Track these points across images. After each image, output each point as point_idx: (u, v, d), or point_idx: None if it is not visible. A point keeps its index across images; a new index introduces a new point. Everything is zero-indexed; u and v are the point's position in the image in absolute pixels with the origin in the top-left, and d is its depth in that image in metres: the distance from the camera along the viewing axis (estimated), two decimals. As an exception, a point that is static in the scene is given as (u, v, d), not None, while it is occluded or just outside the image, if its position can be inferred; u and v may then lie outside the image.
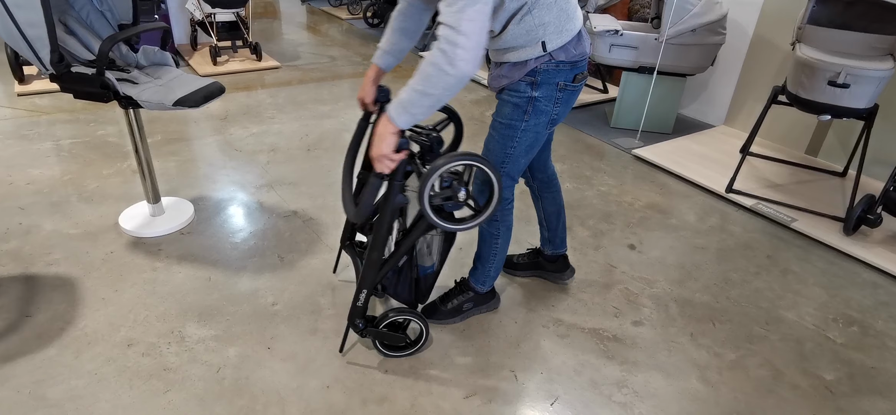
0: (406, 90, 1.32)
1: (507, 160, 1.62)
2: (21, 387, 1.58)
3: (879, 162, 3.05)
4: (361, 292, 1.64)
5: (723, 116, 3.79)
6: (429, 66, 1.26)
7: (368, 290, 1.65)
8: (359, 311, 1.66)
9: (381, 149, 1.39)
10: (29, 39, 1.75)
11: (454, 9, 1.20)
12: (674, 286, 2.16)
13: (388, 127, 1.37)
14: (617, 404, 1.63)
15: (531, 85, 1.50)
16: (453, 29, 1.21)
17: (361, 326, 1.67)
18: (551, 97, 1.53)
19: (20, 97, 3.67)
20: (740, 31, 3.53)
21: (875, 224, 2.40)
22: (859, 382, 1.77)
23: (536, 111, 1.54)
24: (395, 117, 1.35)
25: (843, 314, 2.06)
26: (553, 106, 1.55)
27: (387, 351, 1.75)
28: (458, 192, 1.50)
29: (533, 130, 1.58)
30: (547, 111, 1.55)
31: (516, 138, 1.58)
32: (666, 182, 2.99)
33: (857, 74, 2.37)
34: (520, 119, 1.55)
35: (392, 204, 1.53)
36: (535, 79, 1.49)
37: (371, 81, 1.68)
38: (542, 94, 1.51)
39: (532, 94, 1.51)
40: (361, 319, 1.67)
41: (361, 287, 1.64)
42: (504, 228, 1.76)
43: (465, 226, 1.56)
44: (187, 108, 1.96)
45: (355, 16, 6.91)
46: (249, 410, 1.55)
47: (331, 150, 3.18)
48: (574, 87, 1.55)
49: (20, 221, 2.34)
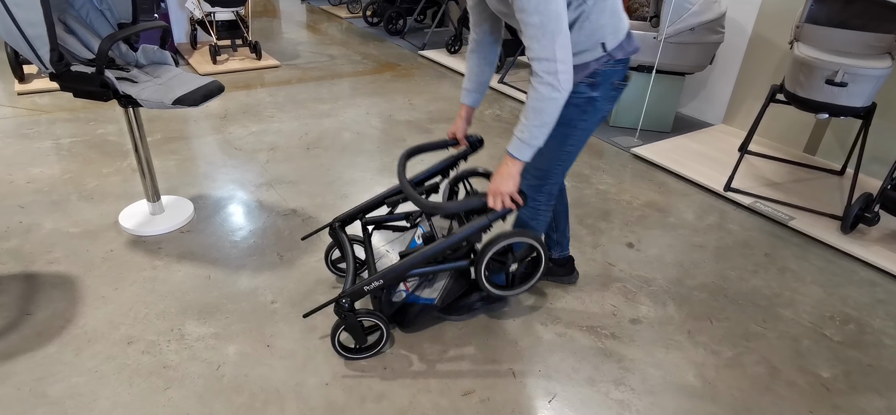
0: (523, 129, 1.46)
1: (564, 158, 1.68)
2: (21, 384, 1.59)
3: (877, 160, 3.06)
4: (377, 282, 1.64)
5: (721, 115, 3.79)
6: (539, 100, 1.40)
7: (387, 284, 1.66)
8: (357, 294, 1.64)
9: (508, 187, 1.54)
10: (29, 38, 1.75)
11: (545, 43, 1.34)
12: (672, 284, 2.17)
13: (515, 165, 1.52)
14: (614, 401, 1.64)
15: (591, 86, 1.56)
16: (550, 60, 1.35)
17: (347, 306, 1.63)
18: (607, 96, 1.59)
19: (20, 96, 3.68)
20: (739, 29, 3.54)
21: (873, 222, 2.41)
22: (856, 379, 1.77)
23: (594, 110, 1.60)
24: (519, 155, 1.49)
25: (840, 312, 2.07)
26: (607, 104, 1.61)
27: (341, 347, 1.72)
28: (509, 265, 1.70)
29: (589, 128, 1.64)
30: (602, 109, 1.61)
31: (574, 137, 1.63)
32: (665, 181, 3.00)
33: (855, 73, 2.37)
34: (579, 118, 1.60)
35: (470, 232, 1.64)
36: (595, 79, 1.55)
37: (463, 119, 1.84)
38: (600, 94, 1.57)
39: (591, 95, 1.57)
40: (352, 301, 1.64)
41: (380, 278, 1.64)
42: (544, 225, 1.81)
43: (511, 292, 1.77)
44: (187, 106, 1.97)
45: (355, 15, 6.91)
46: (249, 407, 1.56)
47: (330, 148, 3.18)
48: (624, 85, 1.62)
49: (20, 220, 2.35)
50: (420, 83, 4.44)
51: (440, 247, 1.66)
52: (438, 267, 1.72)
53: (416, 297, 1.79)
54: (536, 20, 1.33)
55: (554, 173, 1.69)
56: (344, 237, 1.87)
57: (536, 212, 1.77)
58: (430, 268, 1.71)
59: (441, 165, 1.94)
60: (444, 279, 1.80)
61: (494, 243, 1.67)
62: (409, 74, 4.67)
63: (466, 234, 1.66)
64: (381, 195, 1.96)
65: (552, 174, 1.69)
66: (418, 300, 1.80)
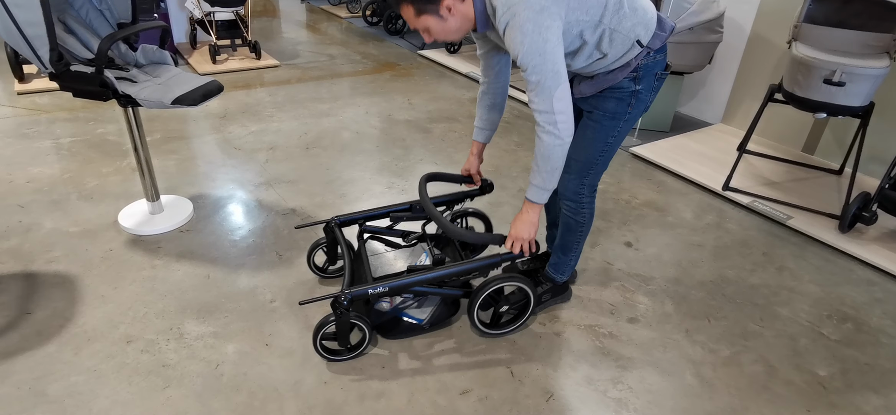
0: (537, 176, 1.56)
1: (607, 149, 1.70)
2: (21, 383, 1.59)
3: (875, 160, 3.07)
4: (381, 287, 1.65)
5: (720, 115, 3.80)
6: (545, 148, 1.49)
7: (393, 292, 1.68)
8: (360, 295, 1.63)
9: (529, 234, 1.64)
10: (28, 38, 1.76)
11: (544, 98, 1.43)
12: (670, 283, 2.17)
13: (535, 211, 1.62)
14: (612, 400, 1.65)
15: (634, 80, 1.59)
16: (549, 112, 1.44)
17: (347, 302, 1.61)
18: (650, 87, 1.63)
19: (20, 96, 3.69)
20: (737, 29, 3.54)
21: (870, 222, 2.41)
22: (853, 377, 1.78)
23: (638, 102, 1.63)
24: (538, 199, 1.59)
25: (837, 311, 2.08)
26: (650, 95, 1.64)
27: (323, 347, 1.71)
28: (500, 304, 1.78)
29: (632, 120, 1.67)
30: (645, 101, 1.65)
31: (618, 128, 1.66)
32: (663, 180, 3.00)
33: (853, 72, 2.38)
34: (624, 111, 1.63)
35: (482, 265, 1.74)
36: (638, 74, 1.58)
37: (475, 155, 1.95)
38: (643, 87, 1.61)
39: (635, 88, 1.60)
40: (350, 300, 1.62)
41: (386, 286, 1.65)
42: (589, 216, 1.83)
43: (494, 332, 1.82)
44: (186, 106, 1.97)
45: (354, 14, 6.92)
46: (248, 406, 1.56)
47: (329, 148, 3.19)
48: (665, 75, 1.65)
49: (20, 219, 2.35)
50: (419, 83, 4.45)
51: (450, 271, 1.72)
52: (436, 290, 1.76)
53: (404, 313, 1.82)
54: (534, 78, 1.41)
55: (597, 164, 1.72)
56: (341, 237, 1.88)
57: (580, 205, 1.79)
58: (429, 290, 1.74)
59: (448, 198, 2.04)
60: (435, 304, 1.84)
61: (493, 282, 1.74)
62: (408, 74, 4.67)
63: (477, 266, 1.73)
64: (386, 208, 1.99)
65: (596, 164, 1.72)
66: (405, 316, 1.82)
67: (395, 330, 1.82)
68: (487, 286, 1.73)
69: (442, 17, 1.47)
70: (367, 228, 2.01)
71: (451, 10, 1.46)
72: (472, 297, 1.75)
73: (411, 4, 1.46)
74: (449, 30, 1.50)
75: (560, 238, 1.89)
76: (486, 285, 1.73)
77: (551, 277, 1.96)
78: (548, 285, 1.96)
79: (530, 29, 1.36)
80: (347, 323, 1.66)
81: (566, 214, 1.83)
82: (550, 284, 1.96)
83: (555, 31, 1.38)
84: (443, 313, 1.84)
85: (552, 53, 1.39)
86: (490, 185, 2.02)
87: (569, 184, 1.75)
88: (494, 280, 1.74)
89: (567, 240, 1.88)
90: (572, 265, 1.96)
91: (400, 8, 1.50)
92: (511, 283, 1.77)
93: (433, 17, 1.47)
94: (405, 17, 1.51)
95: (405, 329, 1.82)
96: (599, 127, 1.66)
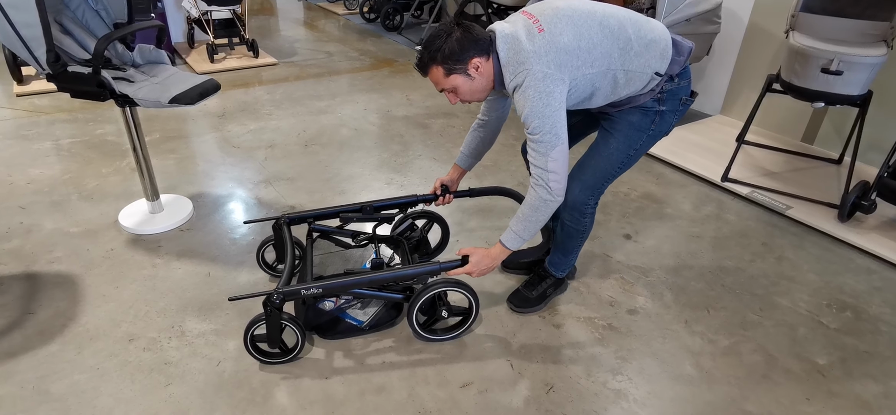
0: (518, 224, 1.61)
1: (625, 162, 1.71)
2: (25, 382, 1.61)
3: (874, 148, 3.06)
4: (316, 290, 1.62)
5: (719, 106, 3.79)
6: (535, 201, 1.55)
7: (328, 294, 1.67)
8: (293, 294, 1.61)
9: (487, 268, 1.69)
10: (25, 40, 1.76)
11: (540, 156, 1.50)
12: (669, 275, 2.18)
13: (504, 254, 1.67)
14: (611, 391, 1.66)
15: (658, 101, 1.61)
16: (543, 169, 1.51)
17: (278, 302, 1.58)
18: (674, 110, 1.64)
19: (19, 98, 3.69)
20: (735, 19, 3.53)
21: (869, 210, 2.41)
22: (852, 366, 1.79)
23: (661, 120, 1.65)
24: (512, 245, 1.64)
25: (836, 300, 2.08)
26: (674, 117, 1.66)
27: (254, 349, 1.68)
28: (441, 311, 1.77)
29: (653, 139, 1.68)
30: (668, 122, 1.67)
31: (641, 142, 1.68)
32: (662, 172, 3.00)
33: (850, 61, 2.37)
34: (648, 125, 1.65)
35: (419, 272, 1.72)
36: (662, 95, 1.60)
37: (454, 178, 1.99)
38: (668, 108, 1.62)
39: (660, 108, 1.62)
40: (284, 299, 1.60)
41: (321, 288, 1.63)
42: (590, 223, 1.83)
43: (434, 338, 1.80)
44: (183, 105, 1.97)
45: (352, 11, 6.91)
46: (249, 401, 1.57)
47: (328, 145, 3.19)
48: (691, 101, 1.66)
49: (21, 221, 2.36)
50: (417, 79, 4.44)
51: (387, 276, 1.70)
52: (375, 294, 1.75)
53: (345, 314, 1.82)
54: (534, 136, 1.49)
55: (611, 176, 1.73)
56: (288, 236, 1.86)
57: (583, 215, 1.78)
58: (369, 292, 1.73)
59: (402, 201, 2.03)
60: (377, 307, 1.85)
61: (433, 287, 1.72)
62: (406, 70, 4.67)
63: (415, 272, 1.71)
64: (337, 208, 1.98)
65: (610, 177, 1.73)
66: (346, 317, 1.82)
67: (333, 330, 1.80)
68: (427, 290, 1.71)
69: (470, 76, 1.53)
70: (315, 227, 1.99)
71: (478, 68, 1.52)
72: (412, 300, 1.72)
73: (441, 66, 1.51)
74: (476, 89, 1.56)
75: (561, 241, 1.89)
76: (426, 289, 1.71)
77: (551, 273, 1.97)
78: (550, 280, 1.97)
79: (533, 95, 1.45)
80: (278, 323, 1.62)
81: (567, 223, 1.82)
82: (552, 279, 1.98)
83: (557, 95, 1.46)
84: (384, 316, 1.84)
85: (552, 117, 1.46)
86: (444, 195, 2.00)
87: (578, 194, 1.73)
88: (434, 284, 1.71)
89: (568, 244, 1.89)
90: (572, 263, 1.97)
91: (429, 71, 1.54)
92: (450, 287, 1.72)
93: (462, 77, 1.53)
94: (434, 79, 1.56)
95: (344, 330, 1.80)
96: (622, 137, 1.66)
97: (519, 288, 2.00)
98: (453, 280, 1.73)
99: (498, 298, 2.01)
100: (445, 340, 1.81)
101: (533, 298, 1.95)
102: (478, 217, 2.53)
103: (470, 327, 1.84)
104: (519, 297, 1.96)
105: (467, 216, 2.53)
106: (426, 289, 1.70)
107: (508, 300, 1.98)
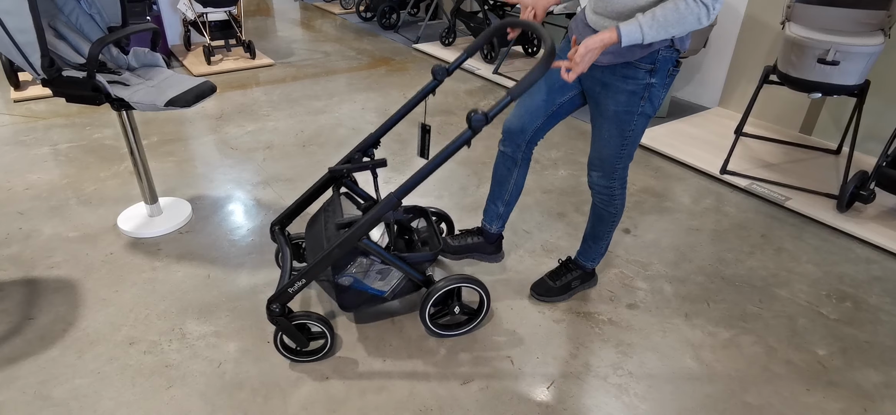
0: (649, 20, 1.40)
1: (626, 145, 1.69)
2: (26, 388, 1.61)
3: (872, 138, 3.06)
4: (300, 281, 1.60)
5: (717, 98, 3.79)
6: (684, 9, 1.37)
7: (309, 281, 1.61)
8: (285, 296, 1.60)
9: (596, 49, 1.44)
10: (19, 45, 1.76)
11: None
12: (668, 268, 2.18)
13: (613, 37, 1.43)
14: (612, 385, 1.66)
15: (650, 72, 1.57)
16: None
17: (277, 310, 1.59)
18: (663, 83, 1.61)
19: (16, 103, 3.69)
20: (732, 11, 3.53)
21: (868, 200, 2.41)
22: (852, 356, 1.79)
23: (651, 95, 1.61)
24: (627, 38, 1.43)
25: (836, 290, 2.08)
26: (662, 91, 1.63)
27: (284, 349, 1.71)
28: (452, 308, 1.77)
29: (646, 116, 1.65)
30: (658, 96, 1.62)
31: (633, 124, 1.65)
32: (661, 166, 3.00)
33: (847, 51, 2.37)
34: (636, 105, 1.62)
35: (379, 214, 1.56)
36: (654, 65, 1.56)
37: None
38: (657, 80, 1.59)
39: (650, 81, 1.58)
40: (281, 305, 1.60)
41: (303, 276, 1.59)
42: (621, 206, 1.83)
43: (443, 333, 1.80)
44: (179, 108, 1.97)
45: (348, 10, 6.89)
46: (250, 402, 1.57)
47: (326, 145, 3.19)
48: (676, 71, 1.62)
49: (20, 226, 2.36)
50: (415, 77, 4.44)
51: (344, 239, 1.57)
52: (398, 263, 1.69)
53: (365, 286, 1.74)
54: None
55: (621, 160, 1.72)
56: (281, 239, 1.84)
57: (612, 197, 1.79)
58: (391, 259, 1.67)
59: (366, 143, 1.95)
60: (398, 278, 1.77)
61: (451, 280, 1.71)
62: (403, 68, 4.66)
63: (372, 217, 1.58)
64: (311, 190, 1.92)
65: (620, 160, 1.72)
66: (368, 289, 1.74)
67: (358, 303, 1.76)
68: (446, 283, 1.71)
69: None
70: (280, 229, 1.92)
71: None
72: (430, 290, 1.71)
73: None
74: None
75: (591, 227, 1.90)
76: (445, 281, 1.71)
77: (582, 265, 1.98)
78: (578, 272, 1.98)
79: None
80: (291, 327, 1.62)
81: (598, 206, 1.84)
82: (580, 272, 1.98)
83: None
84: (406, 287, 1.78)
85: None
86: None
87: (599, 180, 1.76)
88: (451, 278, 1.71)
89: (599, 230, 1.89)
90: (602, 253, 1.97)
91: None
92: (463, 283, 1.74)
93: None
94: None
95: (368, 301, 1.76)
96: (614, 125, 1.66)
97: (543, 277, 2.01)
98: (464, 276, 1.74)
99: (498, 296, 2.01)
100: (455, 335, 1.82)
101: (555, 287, 1.96)
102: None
103: (480, 323, 1.85)
104: (542, 286, 1.98)
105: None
106: (442, 282, 1.72)
107: (531, 289, 2.00)
